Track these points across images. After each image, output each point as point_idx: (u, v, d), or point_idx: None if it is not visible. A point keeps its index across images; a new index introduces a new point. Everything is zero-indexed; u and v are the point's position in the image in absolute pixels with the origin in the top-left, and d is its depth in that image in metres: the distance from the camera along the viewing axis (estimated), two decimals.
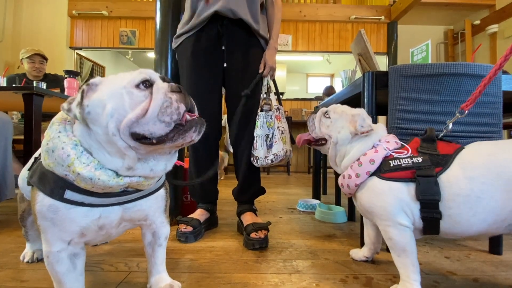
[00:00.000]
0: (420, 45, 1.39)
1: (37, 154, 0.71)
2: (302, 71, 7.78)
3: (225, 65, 1.33)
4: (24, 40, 4.58)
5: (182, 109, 0.55)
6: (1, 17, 4.45)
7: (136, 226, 0.72)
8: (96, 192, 0.57)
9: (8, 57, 4.54)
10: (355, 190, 0.83)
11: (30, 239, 0.98)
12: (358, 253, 1.03)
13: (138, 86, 0.55)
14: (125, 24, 4.90)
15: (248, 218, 1.29)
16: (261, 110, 1.31)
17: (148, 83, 0.56)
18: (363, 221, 1.04)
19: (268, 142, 1.26)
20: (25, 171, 0.78)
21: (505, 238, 1.19)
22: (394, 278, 0.88)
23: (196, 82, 1.29)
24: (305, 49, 5.06)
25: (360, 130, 0.84)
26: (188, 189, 1.48)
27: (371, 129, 0.84)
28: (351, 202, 1.58)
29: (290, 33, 5.02)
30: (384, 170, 0.77)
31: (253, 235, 1.15)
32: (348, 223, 1.55)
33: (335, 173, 1.65)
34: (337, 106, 0.95)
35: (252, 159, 1.28)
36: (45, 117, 1.68)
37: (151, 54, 5.88)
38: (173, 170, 0.65)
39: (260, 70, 1.31)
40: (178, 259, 1.03)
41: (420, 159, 0.75)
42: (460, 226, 0.71)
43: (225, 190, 2.34)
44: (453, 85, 0.97)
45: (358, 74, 1.36)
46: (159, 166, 0.59)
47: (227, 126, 1.42)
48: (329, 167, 3.10)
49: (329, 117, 0.94)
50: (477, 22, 4.80)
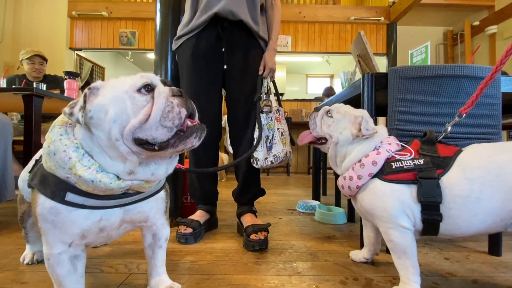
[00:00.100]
0: (420, 47, 1.39)
1: (37, 156, 0.71)
2: (301, 72, 7.79)
3: (225, 66, 1.33)
4: (23, 41, 4.58)
5: (184, 113, 0.55)
6: (1, 17, 4.45)
7: (137, 228, 0.72)
8: (97, 195, 0.57)
9: (8, 58, 4.54)
10: (356, 191, 0.83)
11: (30, 241, 0.98)
12: (358, 255, 1.03)
13: (139, 90, 0.55)
14: (125, 25, 4.90)
15: (248, 220, 1.29)
16: (261, 112, 1.31)
17: (149, 87, 0.56)
18: (362, 222, 1.04)
19: (268, 143, 1.26)
20: (26, 173, 0.78)
21: (504, 239, 1.19)
22: (394, 280, 0.88)
23: (196, 83, 1.29)
24: (304, 50, 5.06)
25: (365, 133, 0.82)
26: (188, 191, 1.48)
27: (376, 132, 0.83)
28: (350, 203, 1.58)
29: (290, 34, 5.02)
30: (386, 172, 0.77)
31: (253, 236, 1.15)
32: (348, 224, 1.55)
33: (335, 174, 1.65)
34: (341, 106, 0.93)
35: (252, 160, 1.28)
36: (45, 118, 1.68)
37: (151, 55, 5.88)
38: (173, 173, 0.66)
39: (260, 72, 1.31)
40: (178, 260, 1.03)
41: (421, 161, 0.75)
42: (460, 227, 0.72)
43: (225, 191, 2.35)
44: (452, 87, 0.97)
45: (358, 75, 1.36)
46: (160, 170, 0.60)
47: (227, 127, 1.42)
48: (329, 168, 3.10)
49: (332, 116, 0.92)
50: (477, 23, 4.82)
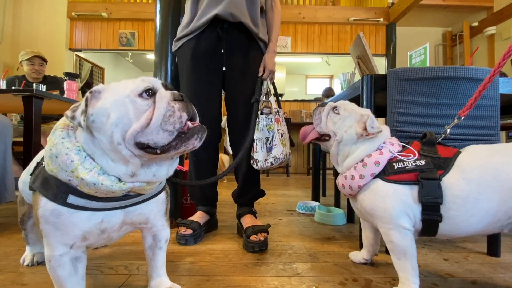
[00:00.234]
0: (418, 48, 1.40)
1: (38, 158, 0.71)
2: (301, 72, 7.80)
3: (224, 68, 1.34)
4: (23, 42, 4.58)
5: (185, 117, 0.56)
6: (0, 18, 4.44)
7: (137, 229, 0.72)
8: (99, 197, 0.57)
9: (7, 59, 4.54)
10: (357, 191, 0.82)
11: (30, 242, 0.98)
12: (357, 256, 1.03)
13: (141, 95, 0.56)
14: (125, 25, 4.90)
15: (247, 221, 1.29)
16: (261, 113, 1.31)
17: (151, 92, 0.57)
18: (361, 223, 1.04)
19: (268, 145, 1.27)
20: (26, 175, 0.78)
21: (503, 240, 1.20)
22: (393, 281, 0.89)
23: (195, 84, 1.30)
24: (304, 51, 5.07)
25: (370, 131, 0.81)
26: (188, 192, 1.49)
27: (380, 131, 0.82)
28: (350, 204, 1.58)
29: (289, 35, 5.03)
30: (389, 172, 0.77)
31: (252, 237, 1.15)
32: (347, 225, 1.55)
33: (335, 175, 1.65)
34: (347, 103, 0.91)
35: (251, 161, 1.28)
36: (45, 119, 1.68)
37: (151, 56, 5.88)
38: (173, 174, 0.66)
39: (260, 73, 1.32)
40: (178, 262, 1.03)
41: (423, 162, 0.75)
42: (459, 227, 0.72)
43: (225, 192, 2.35)
44: (451, 88, 0.98)
45: (357, 76, 1.37)
46: (162, 171, 0.60)
47: (226, 128, 1.43)
48: (329, 169, 3.10)
49: (339, 113, 0.89)
50: (475, 24, 4.84)
